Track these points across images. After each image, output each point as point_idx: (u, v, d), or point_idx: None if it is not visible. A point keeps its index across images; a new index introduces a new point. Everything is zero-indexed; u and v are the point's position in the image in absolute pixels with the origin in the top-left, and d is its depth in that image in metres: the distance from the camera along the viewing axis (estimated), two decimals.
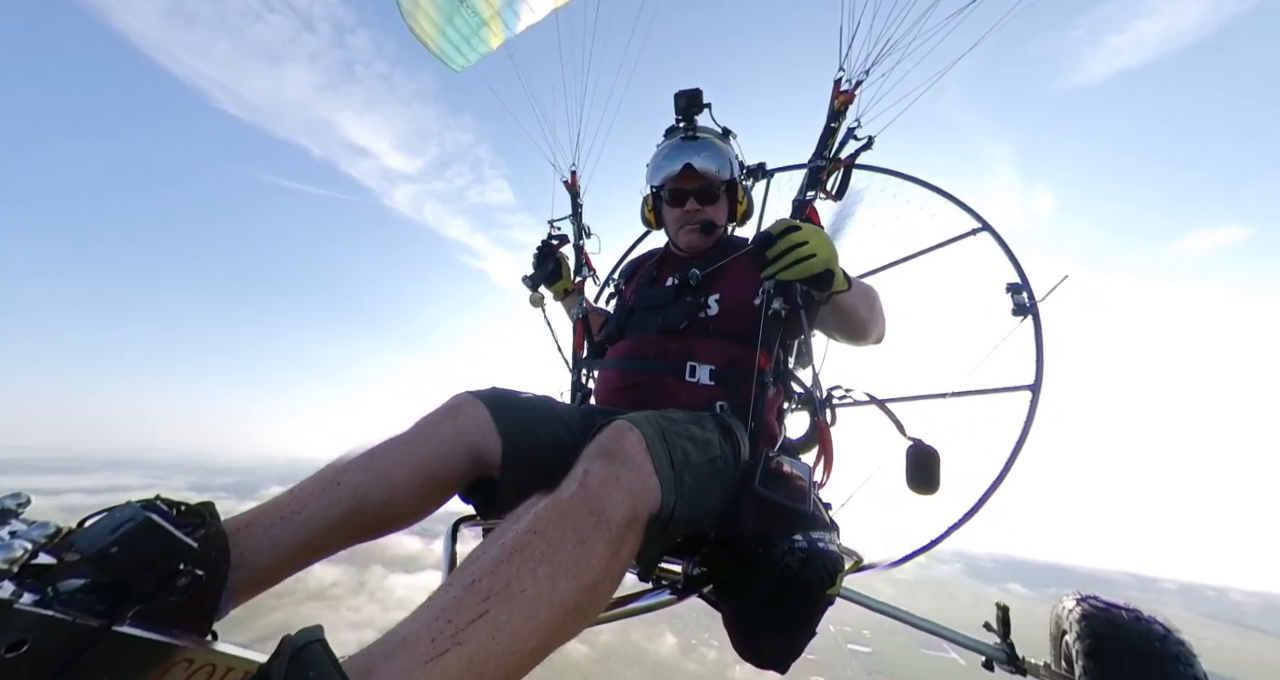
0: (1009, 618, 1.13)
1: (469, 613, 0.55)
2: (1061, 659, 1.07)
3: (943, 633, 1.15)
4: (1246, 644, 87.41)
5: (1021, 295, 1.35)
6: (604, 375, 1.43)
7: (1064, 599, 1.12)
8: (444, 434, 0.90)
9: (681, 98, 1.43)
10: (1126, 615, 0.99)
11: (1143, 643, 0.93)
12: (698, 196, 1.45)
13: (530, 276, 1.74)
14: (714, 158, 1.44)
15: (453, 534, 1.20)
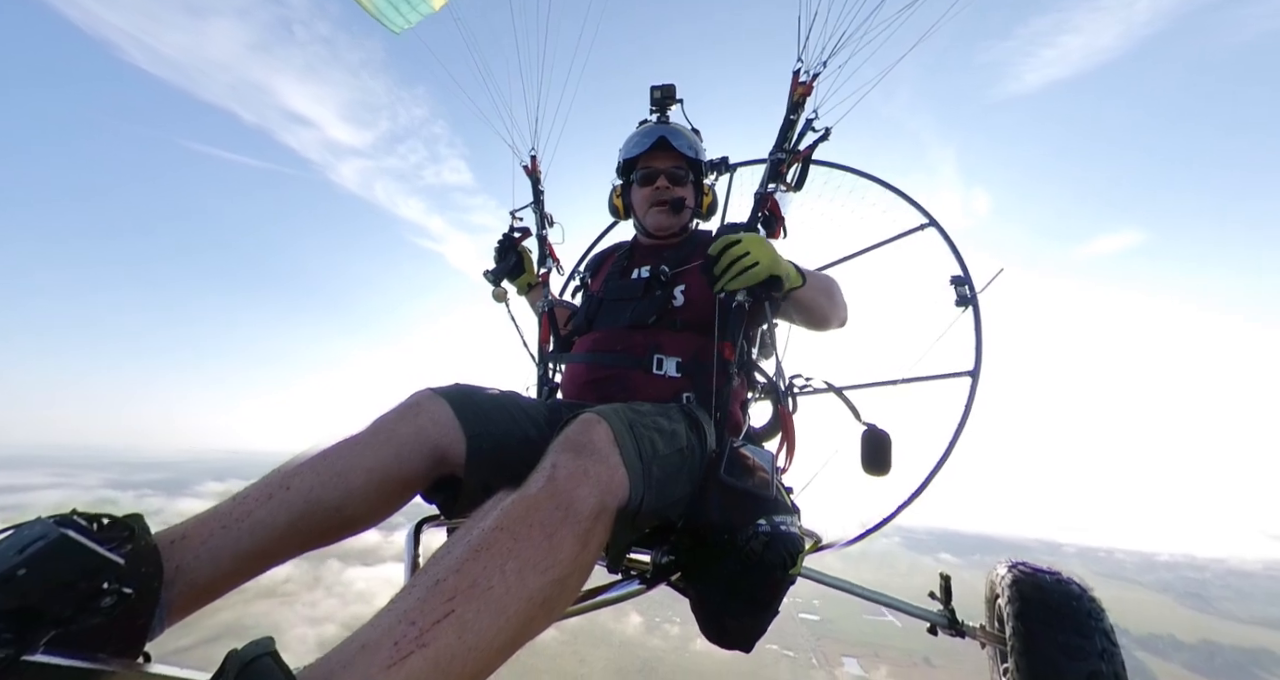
0: (950, 587, 1.25)
1: (434, 613, 0.53)
2: (995, 620, 1.19)
3: (894, 604, 1.25)
4: (1127, 595, 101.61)
5: (964, 287, 1.45)
6: (571, 369, 1.42)
7: (997, 567, 1.23)
8: (404, 433, 0.87)
9: (657, 90, 1.53)
10: (1049, 578, 1.12)
11: (1062, 601, 1.07)
12: (668, 176, 1.49)
13: (492, 271, 1.70)
14: (687, 141, 1.50)
15: (415, 535, 1.16)
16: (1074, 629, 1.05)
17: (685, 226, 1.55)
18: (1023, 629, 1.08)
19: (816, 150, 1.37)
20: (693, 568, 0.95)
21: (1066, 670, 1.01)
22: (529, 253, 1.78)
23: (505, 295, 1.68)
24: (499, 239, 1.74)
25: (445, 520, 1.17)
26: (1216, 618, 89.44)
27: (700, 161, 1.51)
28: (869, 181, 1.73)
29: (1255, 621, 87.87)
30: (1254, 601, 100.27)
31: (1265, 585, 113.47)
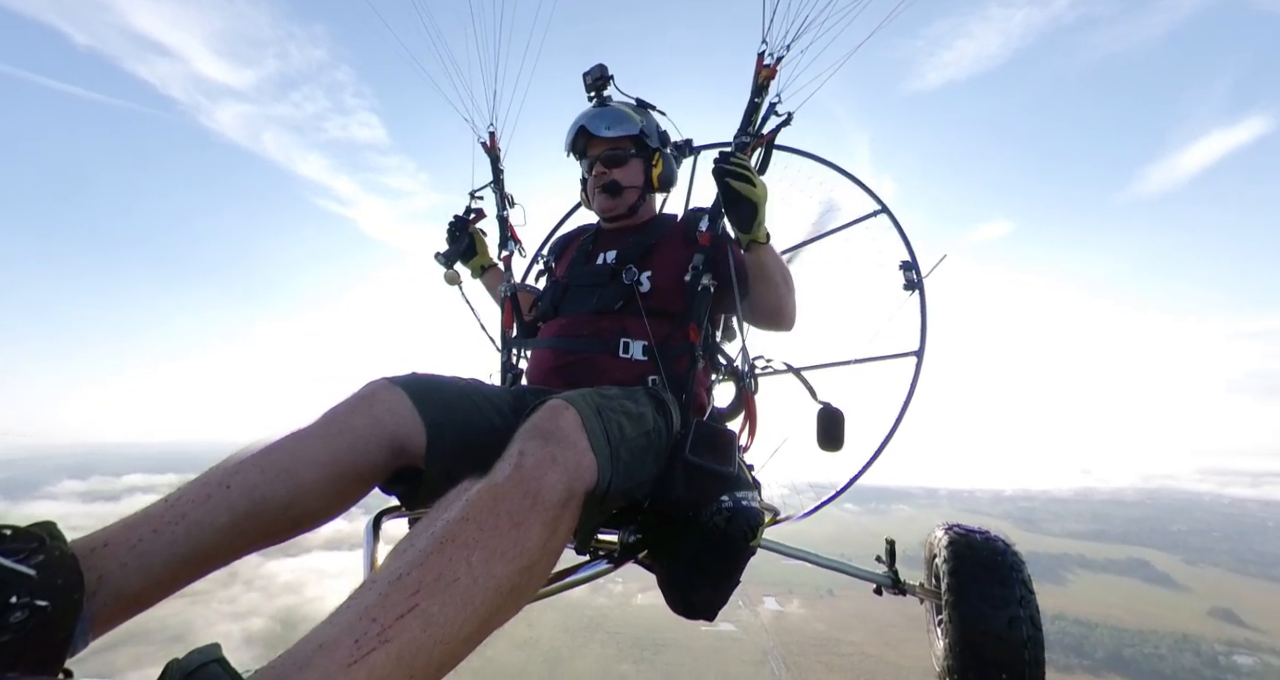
0: (895, 551, 1.36)
1: (396, 608, 0.52)
2: (932, 577, 1.32)
3: (844, 568, 1.34)
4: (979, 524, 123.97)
5: (912, 272, 1.51)
6: (537, 355, 1.39)
7: (935, 529, 1.35)
8: (359, 425, 0.83)
9: (588, 75, 1.48)
10: (978, 537, 1.25)
11: (989, 557, 1.20)
12: (605, 161, 1.44)
13: (444, 253, 1.60)
14: (614, 121, 1.42)
15: (374, 528, 1.11)
16: (998, 581, 1.16)
17: (634, 206, 1.48)
18: (955, 584, 1.19)
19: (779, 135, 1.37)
20: (659, 545, 0.98)
21: (990, 618, 1.11)
22: (481, 234, 1.69)
23: (458, 278, 1.59)
24: (450, 220, 1.64)
25: (407, 511, 1.13)
26: (1039, 534, 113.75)
27: (639, 135, 1.43)
28: (826, 168, 1.73)
29: (1064, 534, 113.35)
30: (1065, 520, 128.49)
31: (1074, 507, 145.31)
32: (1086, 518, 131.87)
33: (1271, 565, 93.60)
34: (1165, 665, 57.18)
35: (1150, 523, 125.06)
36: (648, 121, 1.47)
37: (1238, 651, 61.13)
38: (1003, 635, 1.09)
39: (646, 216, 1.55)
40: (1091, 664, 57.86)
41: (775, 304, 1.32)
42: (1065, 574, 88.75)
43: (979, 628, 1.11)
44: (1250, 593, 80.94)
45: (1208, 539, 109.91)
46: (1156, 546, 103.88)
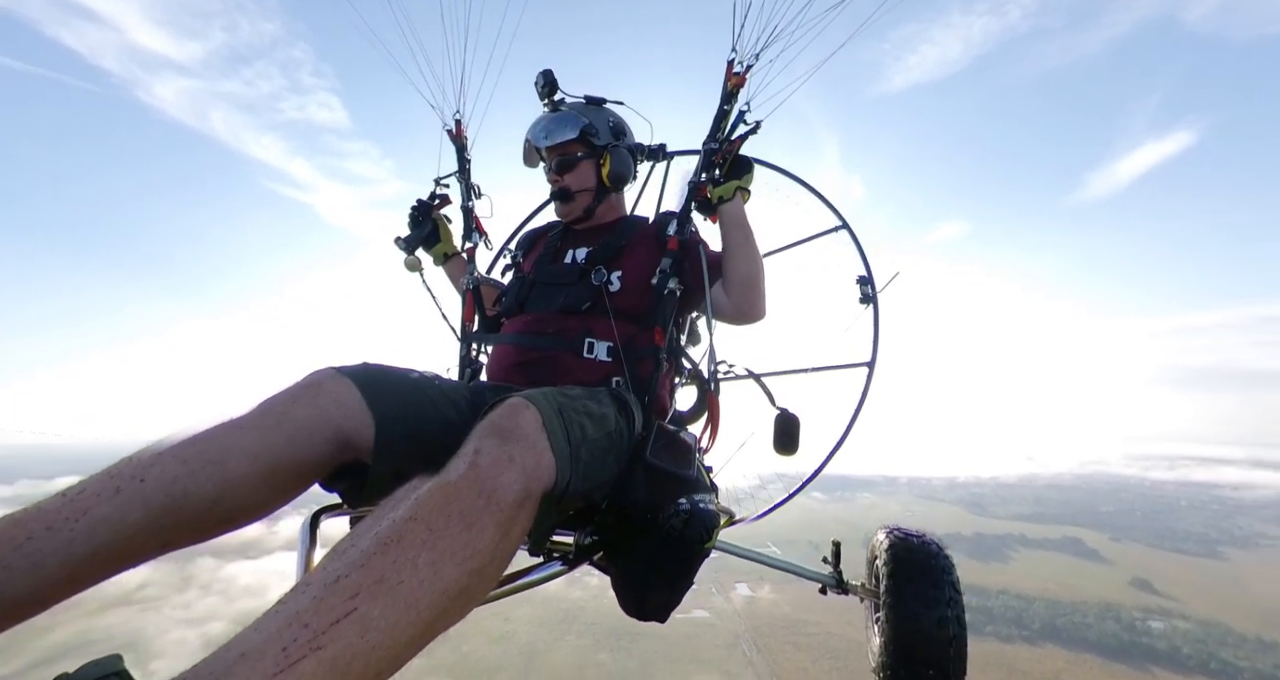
0: (840, 552, 1.43)
1: (332, 613, 0.48)
2: (873, 578, 1.39)
3: (792, 569, 1.41)
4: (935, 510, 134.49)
5: (868, 287, 1.56)
6: (499, 350, 1.36)
7: (878, 532, 1.41)
8: (300, 415, 0.78)
9: (538, 80, 1.45)
10: (915, 541, 1.33)
11: (923, 560, 1.27)
12: (556, 167, 1.43)
13: (405, 239, 1.54)
14: (552, 129, 1.41)
15: (311, 527, 1.03)
16: (930, 582, 1.22)
17: (590, 208, 1.46)
18: (892, 585, 1.24)
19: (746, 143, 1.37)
20: (615, 547, 0.97)
21: (922, 617, 1.17)
22: (445, 221, 1.63)
23: (419, 265, 1.54)
24: (413, 205, 1.59)
25: (349, 509, 1.07)
26: (987, 518, 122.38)
27: (582, 137, 1.41)
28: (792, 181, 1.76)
29: (1009, 517, 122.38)
30: (1011, 503, 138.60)
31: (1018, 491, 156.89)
32: (1029, 501, 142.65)
33: (1183, 540, 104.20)
34: (1092, 632, 63.12)
35: (1083, 504, 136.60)
36: (596, 119, 1.44)
37: (1152, 617, 68.19)
38: (932, 634, 1.16)
39: (612, 217, 1.53)
40: (1029, 634, 63.16)
41: (752, 270, 1.33)
42: (1009, 553, 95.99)
43: (911, 627, 1.17)
44: (1164, 565, 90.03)
45: (1131, 518, 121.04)
46: (1088, 526, 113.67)
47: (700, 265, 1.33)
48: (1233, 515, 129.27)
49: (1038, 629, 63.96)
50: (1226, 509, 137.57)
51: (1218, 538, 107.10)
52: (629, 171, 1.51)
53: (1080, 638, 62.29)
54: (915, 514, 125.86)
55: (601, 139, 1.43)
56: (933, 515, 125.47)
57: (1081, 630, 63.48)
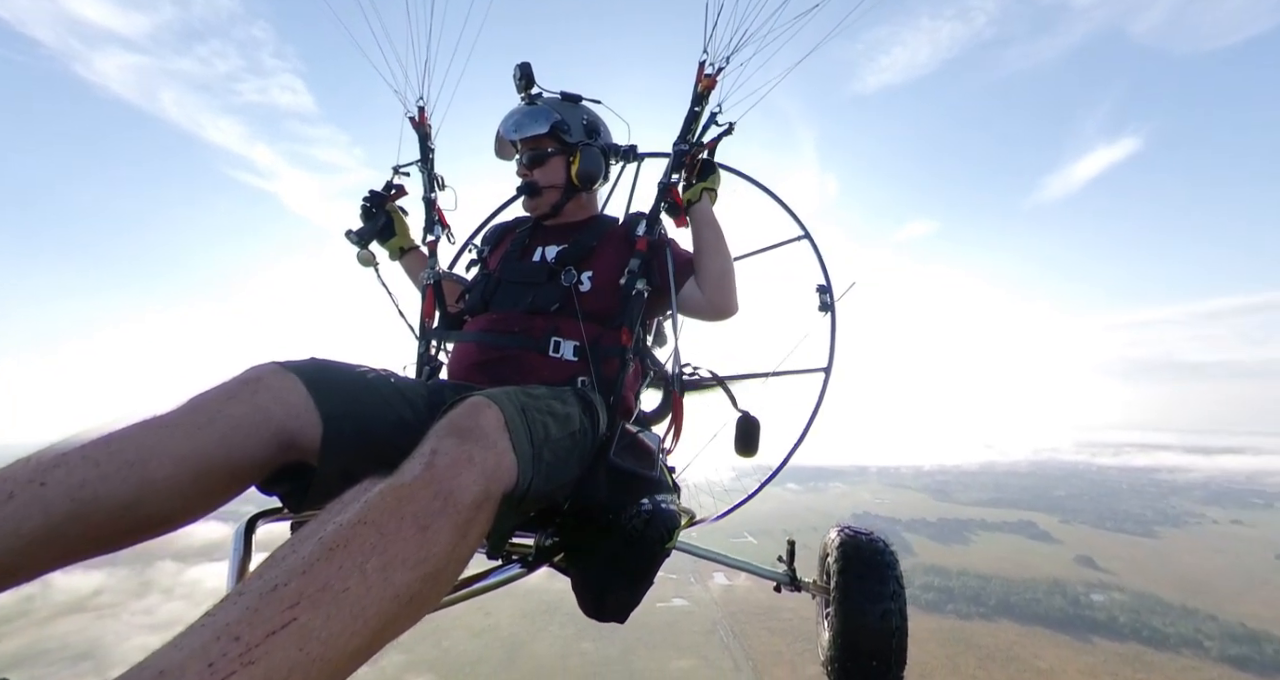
0: (794, 551, 1.49)
1: (267, 624, 0.44)
2: (824, 575, 1.45)
3: (749, 568, 1.47)
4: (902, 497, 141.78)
5: (826, 296, 1.62)
6: (460, 349, 1.32)
7: (830, 531, 1.48)
8: (236, 413, 0.71)
9: (515, 72, 1.43)
10: (864, 539, 1.39)
11: (871, 556, 1.33)
12: (526, 162, 1.41)
13: (357, 231, 1.48)
14: (522, 122, 1.38)
15: (245, 533, 0.93)
16: (876, 578, 1.28)
17: (558, 204, 1.44)
18: (841, 581, 1.30)
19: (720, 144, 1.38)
20: (576, 548, 0.97)
21: (868, 611, 1.23)
22: (400, 213, 1.56)
23: (373, 260, 1.48)
24: (365, 196, 1.51)
25: (290, 514, 1.01)
26: (950, 503, 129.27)
27: (553, 132, 1.39)
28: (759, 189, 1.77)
29: (970, 502, 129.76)
30: (972, 490, 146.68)
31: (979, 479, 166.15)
32: (989, 487, 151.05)
33: (1124, 520, 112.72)
34: (1040, 607, 67.98)
35: (1038, 489, 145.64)
36: (569, 115, 1.41)
37: (1094, 591, 73.97)
38: (876, 627, 1.21)
39: (583, 215, 1.51)
40: (986, 611, 67.57)
41: (724, 265, 1.34)
42: (969, 536, 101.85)
43: (858, 621, 1.22)
44: (1106, 543, 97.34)
45: (1079, 501, 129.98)
46: (1041, 509, 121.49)
47: (667, 266, 1.33)
48: (1167, 496, 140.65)
49: (993, 605, 68.43)
50: (1161, 491, 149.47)
51: (1153, 518, 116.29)
52: (599, 171, 1.48)
53: (1030, 612, 67.03)
54: (884, 501, 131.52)
55: (574, 136, 1.41)
56: (900, 502, 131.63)
57: (1032, 605, 68.27)
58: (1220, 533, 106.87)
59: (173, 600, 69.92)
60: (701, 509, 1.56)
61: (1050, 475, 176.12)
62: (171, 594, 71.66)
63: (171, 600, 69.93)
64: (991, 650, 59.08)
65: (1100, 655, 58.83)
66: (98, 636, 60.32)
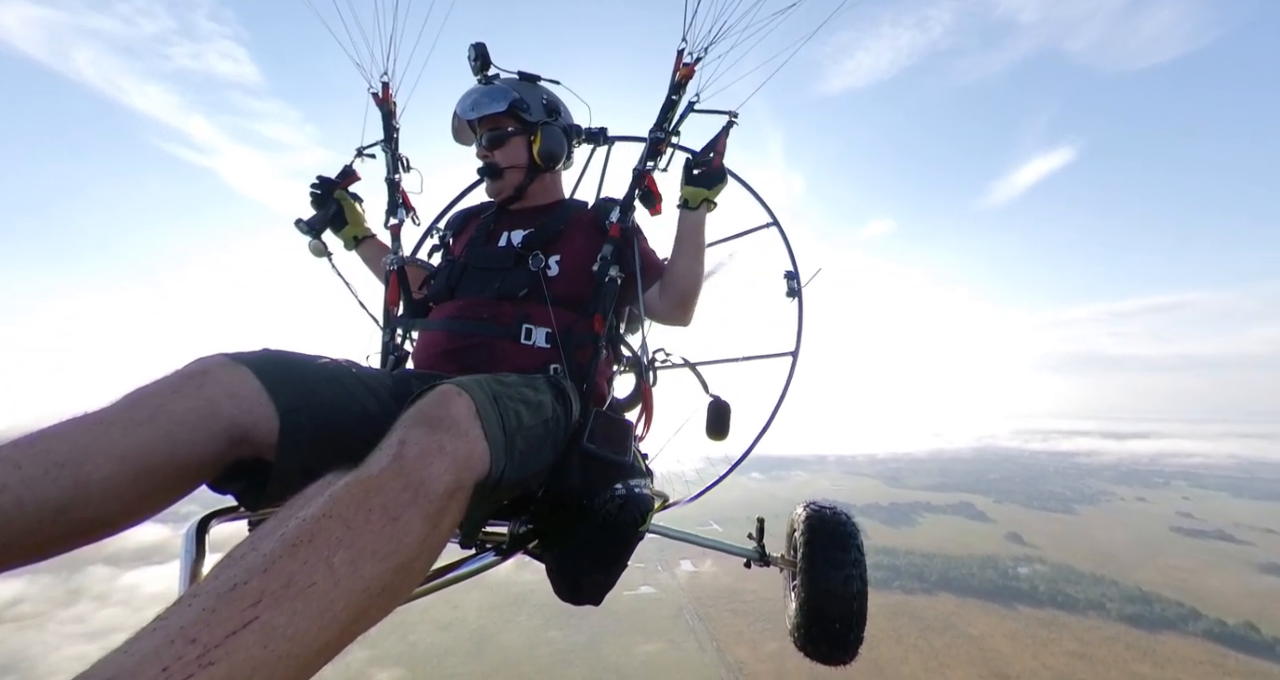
0: (763, 528, 1.55)
1: (227, 624, 0.42)
2: (791, 549, 1.52)
3: (720, 546, 1.51)
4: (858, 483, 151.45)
5: (794, 282, 1.64)
6: (427, 337, 1.27)
7: (797, 508, 1.54)
8: (181, 409, 0.67)
9: (470, 53, 1.38)
10: (828, 511, 1.46)
11: (834, 528, 1.40)
12: (486, 143, 1.36)
13: (307, 221, 1.38)
14: (478, 101, 1.34)
15: (198, 534, 0.86)
16: (840, 547, 1.35)
17: (521, 186, 1.40)
18: (808, 552, 1.37)
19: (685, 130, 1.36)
20: (550, 534, 0.97)
21: (832, 578, 1.30)
22: (350, 201, 1.47)
23: (326, 250, 1.40)
24: (313, 182, 1.43)
25: (246, 513, 0.95)
26: (900, 488, 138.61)
27: (511, 111, 1.34)
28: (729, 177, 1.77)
29: (919, 487, 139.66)
30: (920, 475, 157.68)
31: (927, 465, 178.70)
32: (935, 472, 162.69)
33: (1048, 499, 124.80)
34: (975, 580, 74.78)
35: (978, 474, 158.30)
36: (528, 95, 1.37)
37: (1020, 564, 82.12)
38: (840, 592, 1.28)
39: (549, 198, 1.47)
40: (927, 586, 73.67)
41: (693, 284, 1.33)
42: (916, 518, 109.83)
43: (823, 586, 1.29)
44: (1033, 521, 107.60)
45: (1012, 484, 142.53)
46: (978, 491, 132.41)
47: (641, 256, 1.33)
48: (1084, 477, 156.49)
49: (934, 581, 74.66)
50: (1080, 472, 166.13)
51: (1072, 496, 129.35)
52: (561, 150, 1.42)
53: (966, 585, 73.64)
54: (841, 488, 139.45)
55: (533, 115, 1.36)
56: (856, 488, 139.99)
57: (967, 579, 74.97)
58: (1126, 508, 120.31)
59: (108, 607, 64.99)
60: (674, 492, 1.57)
61: (989, 460, 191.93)
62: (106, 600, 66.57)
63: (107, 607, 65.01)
64: (931, 621, 64.65)
65: (1022, 621, 65.57)
66: (20, 648, 55.25)
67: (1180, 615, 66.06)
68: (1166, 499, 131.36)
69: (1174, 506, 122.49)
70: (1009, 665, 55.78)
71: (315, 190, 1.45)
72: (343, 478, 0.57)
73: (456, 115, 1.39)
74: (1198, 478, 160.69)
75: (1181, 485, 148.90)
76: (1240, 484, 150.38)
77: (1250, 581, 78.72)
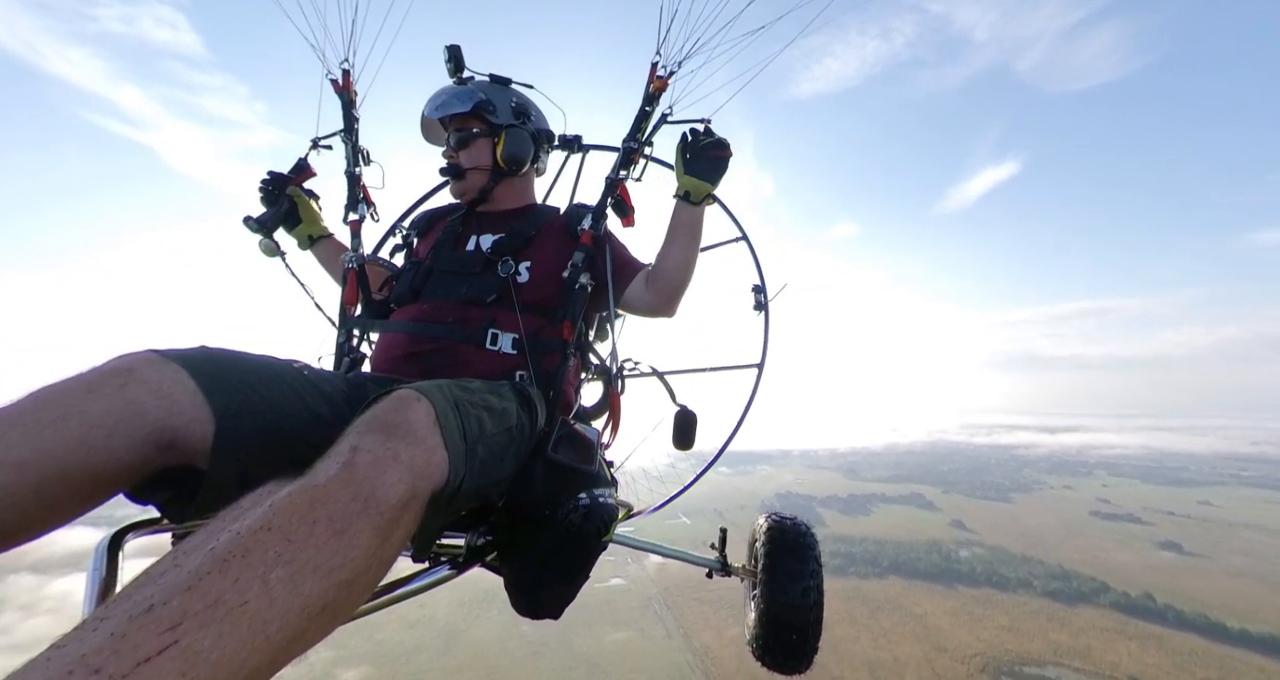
0: (726, 539, 1.57)
1: (137, 651, 0.36)
2: (752, 559, 1.53)
3: (683, 557, 1.52)
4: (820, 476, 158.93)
5: (761, 295, 1.66)
6: (387, 339, 1.21)
7: (759, 518, 1.56)
8: (97, 411, 0.60)
9: (445, 55, 1.36)
10: (789, 523, 1.48)
11: (794, 539, 1.43)
12: (453, 144, 1.33)
13: (257, 218, 1.29)
14: (444, 101, 1.31)
15: (110, 549, 0.76)
16: (798, 558, 1.37)
17: (486, 189, 1.36)
18: (768, 563, 1.38)
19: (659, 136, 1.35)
20: (510, 546, 0.94)
21: (790, 589, 1.32)
22: (305, 198, 1.38)
23: (278, 250, 1.31)
24: (264, 178, 1.33)
25: (169, 525, 0.86)
26: (858, 481, 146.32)
27: (477, 112, 1.31)
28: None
29: (875, 479, 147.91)
30: (877, 468, 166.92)
31: (884, 458, 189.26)
32: (891, 465, 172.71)
33: (988, 489, 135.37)
34: (921, 564, 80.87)
35: (929, 466, 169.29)
36: (496, 97, 1.35)
37: (962, 548, 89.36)
38: (797, 603, 1.32)
39: (518, 203, 1.44)
40: (879, 570, 79.04)
41: (686, 275, 1.30)
42: (872, 508, 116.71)
43: (781, 598, 1.33)
44: (974, 508, 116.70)
45: (959, 475, 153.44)
46: (928, 482, 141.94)
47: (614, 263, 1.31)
48: (1021, 468, 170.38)
49: (886, 566, 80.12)
50: (1018, 463, 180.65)
51: (1009, 486, 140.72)
52: (526, 154, 1.38)
53: (913, 569, 79.52)
54: (804, 481, 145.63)
55: (500, 118, 1.34)
56: (817, 481, 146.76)
57: (915, 563, 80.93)
58: (1054, 496, 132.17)
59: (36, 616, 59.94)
60: (639, 501, 1.57)
61: (939, 453, 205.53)
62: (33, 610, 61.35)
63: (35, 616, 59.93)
64: (881, 602, 69.50)
65: (961, 599, 71.48)
66: None
67: (1093, 589, 73.61)
68: (1089, 486, 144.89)
69: (1094, 493, 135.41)
70: (948, 640, 60.95)
71: (266, 186, 1.37)
72: (285, 487, 0.52)
73: (425, 114, 1.37)
74: (1116, 467, 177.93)
75: (1102, 474, 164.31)
76: (1150, 472, 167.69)
77: (1151, 557, 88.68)
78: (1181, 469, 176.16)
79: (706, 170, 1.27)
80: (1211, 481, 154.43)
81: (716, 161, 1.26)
